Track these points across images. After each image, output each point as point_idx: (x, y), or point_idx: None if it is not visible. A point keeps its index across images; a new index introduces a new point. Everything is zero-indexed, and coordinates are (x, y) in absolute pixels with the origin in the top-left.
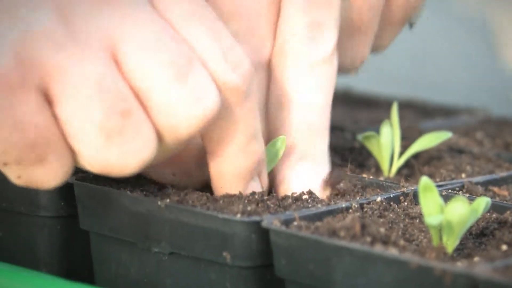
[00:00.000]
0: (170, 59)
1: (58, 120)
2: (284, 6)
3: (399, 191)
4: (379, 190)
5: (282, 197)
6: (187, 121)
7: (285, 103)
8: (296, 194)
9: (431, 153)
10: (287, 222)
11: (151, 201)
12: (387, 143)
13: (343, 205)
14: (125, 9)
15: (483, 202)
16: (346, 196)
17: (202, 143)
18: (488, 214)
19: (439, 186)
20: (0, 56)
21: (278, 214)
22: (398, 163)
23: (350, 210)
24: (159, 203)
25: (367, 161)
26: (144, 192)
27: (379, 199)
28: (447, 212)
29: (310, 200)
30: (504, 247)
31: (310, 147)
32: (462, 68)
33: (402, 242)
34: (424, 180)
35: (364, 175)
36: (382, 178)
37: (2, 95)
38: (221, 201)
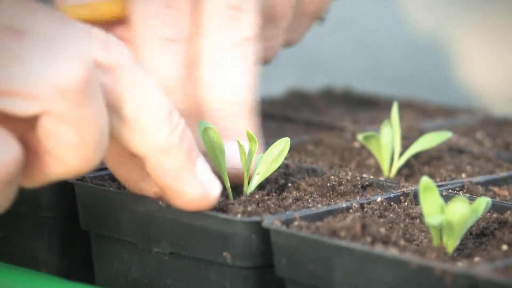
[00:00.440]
0: None
1: None
2: None
3: (399, 191)
4: (379, 190)
5: (282, 196)
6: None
7: (207, 83)
8: (297, 194)
9: (432, 153)
10: (288, 222)
11: (152, 201)
12: (387, 143)
13: (344, 205)
14: None
15: (483, 202)
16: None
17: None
18: (488, 214)
19: (439, 186)
20: None
21: (279, 214)
22: (399, 163)
23: (351, 210)
24: (159, 203)
25: (367, 161)
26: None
27: (379, 199)
28: (448, 212)
29: (310, 200)
30: (504, 247)
31: (234, 125)
32: (463, 68)
33: (402, 242)
34: (425, 180)
35: (365, 175)
36: (383, 178)
37: None
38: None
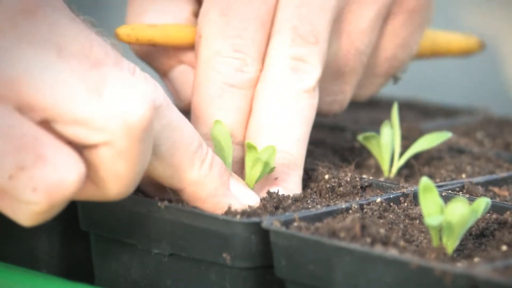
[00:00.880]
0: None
1: None
2: (272, 35)
3: (399, 191)
4: (379, 191)
5: (282, 197)
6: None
7: (264, 131)
8: (297, 195)
9: (431, 153)
10: (287, 223)
11: (151, 202)
12: (387, 144)
13: (343, 205)
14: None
15: (483, 203)
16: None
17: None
18: (488, 214)
19: (439, 187)
20: None
21: (278, 215)
22: (398, 163)
23: (350, 211)
24: (159, 204)
25: (367, 161)
26: (144, 193)
27: (379, 199)
28: (447, 213)
29: (310, 201)
30: (504, 248)
31: (285, 177)
32: (463, 68)
33: (402, 243)
34: (424, 181)
35: (364, 176)
36: (382, 179)
37: None
38: None
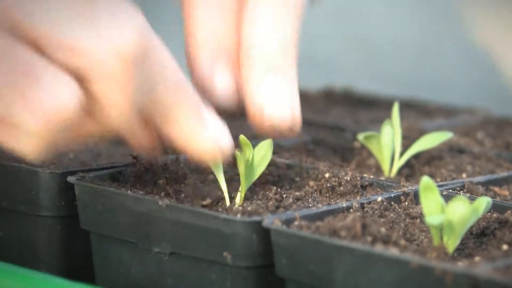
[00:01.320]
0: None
1: None
2: None
3: (400, 191)
4: (379, 190)
5: (282, 196)
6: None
7: (258, 18)
8: (298, 194)
9: (432, 153)
10: (288, 222)
11: (152, 201)
12: (388, 143)
13: (344, 204)
14: None
15: (483, 202)
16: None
17: None
18: (488, 214)
19: (440, 186)
20: None
21: (279, 214)
22: (399, 163)
23: (351, 210)
24: (159, 203)
25: (368, 161)
26: (144, 192)
27: (379, 198)
28: (448, 212)
29: (310, 199)
30: (505, 247)
31: (281, 58)
32: (463, 68)
33: (403, 242)
34: (425, 180)
35: (365, 175)
36: (383, 178)
37: None
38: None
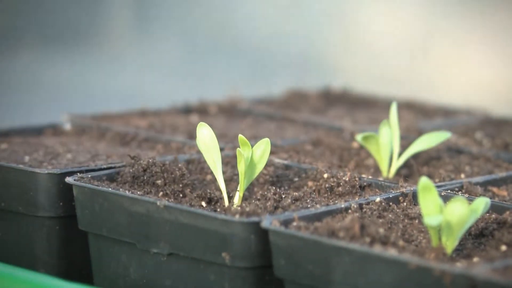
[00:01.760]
0: None
1: None
2: None
3: (398, 191)
4: (378, 191)
5: (281, 197)
6: None
7: None
8: (296, 194)
9: (430, 153)
10: (286, 223)
11: (150, 201)
12: (386, 143)
13: (342, 205)
14: None
15: (482, 203)
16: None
17: None
18: (487, 214)
19: (438, 187)
20: None
21: (277, 214)
22: (397, 163)
23: (349, 211)
24: (158, 203)
25: (366, 161)
26: (143, 192)
27: (378, 199)
28: (446, 213)
29: (309, 200)
30: (503, 248)
31: None
32: (462, 68)
33: (401, 243)
34: (423, 181)
35: (364, 175)
36: (381, 179)
37: None
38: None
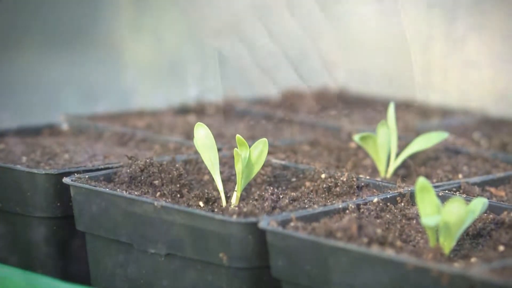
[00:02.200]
0: None
1: None
2: None
3: (396, 191)
4: (375, 191)
5: (278, 197)
6: None
7: None
8: (294, 195)
9: (428, 153)
10: (284, 223)
11: (147, 202)
12: (383, 144)
13: (340, 205)
14: None
15: (480, 203)
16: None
17: None
18: (485, 214)
19: (436, 187)
20: None
21: (275, 215)
22: (395, 163)
23: (347, 211)
24: (155, 204)
25: (364, 161)
26: (140, 193)
27: (375, 199)
28: (444, 213)
29: (306, 200)
30: (501, 248)
31: None
32: (460, 68)
33: (399, 243)
34: (421, 181)
35: (361, 176)
36: (379, 179)
37: None
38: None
